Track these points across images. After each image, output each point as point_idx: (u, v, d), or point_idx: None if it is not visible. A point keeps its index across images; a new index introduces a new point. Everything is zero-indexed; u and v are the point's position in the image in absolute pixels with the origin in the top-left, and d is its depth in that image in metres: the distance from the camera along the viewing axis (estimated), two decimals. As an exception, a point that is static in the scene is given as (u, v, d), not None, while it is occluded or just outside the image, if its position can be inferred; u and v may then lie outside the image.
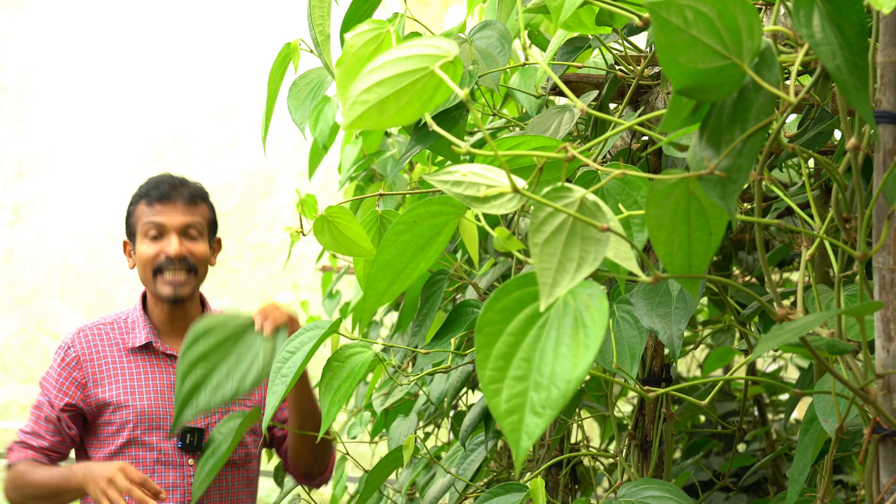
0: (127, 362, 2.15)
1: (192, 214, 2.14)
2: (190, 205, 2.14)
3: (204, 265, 2.16)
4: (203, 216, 2.17)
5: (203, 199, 2.19)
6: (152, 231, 2.12)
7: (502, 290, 0.84)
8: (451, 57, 0.86)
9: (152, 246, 2.12)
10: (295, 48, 1.71)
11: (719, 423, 2.44)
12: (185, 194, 2.15)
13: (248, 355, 1.76)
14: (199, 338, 1.74)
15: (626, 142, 1.64)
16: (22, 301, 8.17)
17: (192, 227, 2.13)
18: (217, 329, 1.77)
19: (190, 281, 2.14)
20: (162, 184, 2.15)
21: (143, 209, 2.14)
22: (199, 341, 1.73)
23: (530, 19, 1.91)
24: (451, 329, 1.72)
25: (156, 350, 2.16)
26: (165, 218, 2.11)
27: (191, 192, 2.16)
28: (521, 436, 0.79)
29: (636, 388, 1.36)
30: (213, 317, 1.80)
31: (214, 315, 1.81)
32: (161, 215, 2.12)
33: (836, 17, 0.88)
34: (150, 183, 2.18)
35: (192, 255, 2.13)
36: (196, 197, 2.17)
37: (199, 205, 2.16)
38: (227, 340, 1.77)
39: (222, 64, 8.31)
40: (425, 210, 1.15)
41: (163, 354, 2.16)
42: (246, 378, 1.72)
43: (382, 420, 2.91)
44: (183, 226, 2.12)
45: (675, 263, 0.99)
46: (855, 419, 1.14)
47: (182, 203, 2.13)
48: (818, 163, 1.13)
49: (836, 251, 1.09)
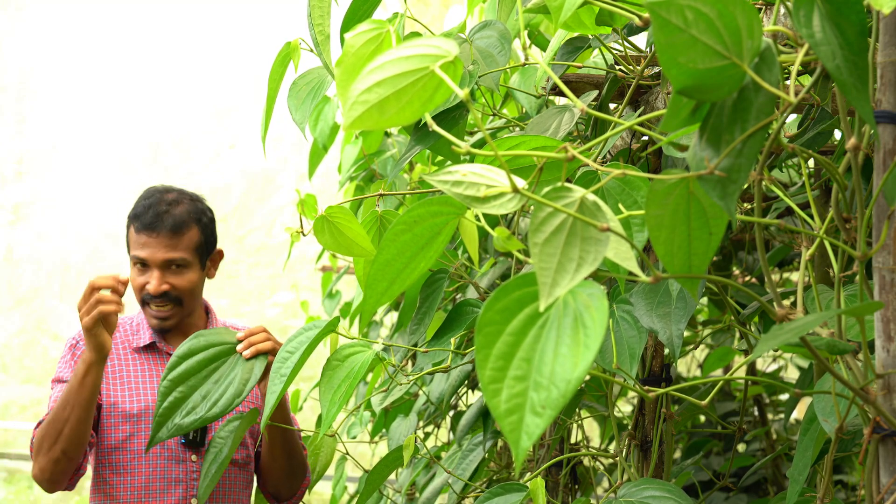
0: (132, 360, 2.18)
1: (175, 249, 2.10)
2: (174, 236, 2.09)
3: (190, 294, 2.15)
4: (188, 246, 2.12)
5: (191, 223, 2.13)
6: (137, 262, 2.12)
7: (502, 289, 0.84)
8: (451, 57, 0.86)
9: (139, 277, 2.12)
10: (295, 47, 1.71)
11: (719, 423, 2.44)
12: (170, 224, 2.09)
13: (225, 380, 1.80)
14: (182, 359, 1.78)
15: (626, 142, 1.64)
16: (22, 301, 8.18)
17: (174, 262, 2.10)
18: (201, 350, 1.81)
19: (175, 312, 2.14)
20: (150, 208, 2.11)
21: (133, 234, 2.13)
22: (182, 362, 1.78)
23: (530, 19, 1.91)
24: (450, 328, 1.72)
25: (160, 350, 2.19)
26: (148, 253, 2.09)
27: (175, 220, 2.10)
28: (520, 436, 0.79)
29: (636, 388, 1.36)
30: (200, 336, 1.83)
31: (203, 333, 1.85)
32: (144, 249, 2.09)
33: (836, 17, 0.88)
34: (140, 204, 2.14)
35: (175, 289, 2.12)
36: (181, 226, 2.11)
37: (184, 234, 2.11)
38: (208, 362, 1.81)
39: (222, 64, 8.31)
40: (425, 210, 1.15)
41: (166, 354, 2.19)
42: (218, 403, 1.76)
43: (382, 420, 2.92)
44: (164, 261, 2.09)
45: (675, 263, 0.99)
46: (855, 419, 1.14)
47: (165, 235, 2.09)
48: (818, 163, 1.13)
49: (836, 251, 1.09)
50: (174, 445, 2.12)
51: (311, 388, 3.39)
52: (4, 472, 7.11)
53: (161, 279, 2.10)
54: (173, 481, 2.12)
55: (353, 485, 3.88)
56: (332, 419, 1.47)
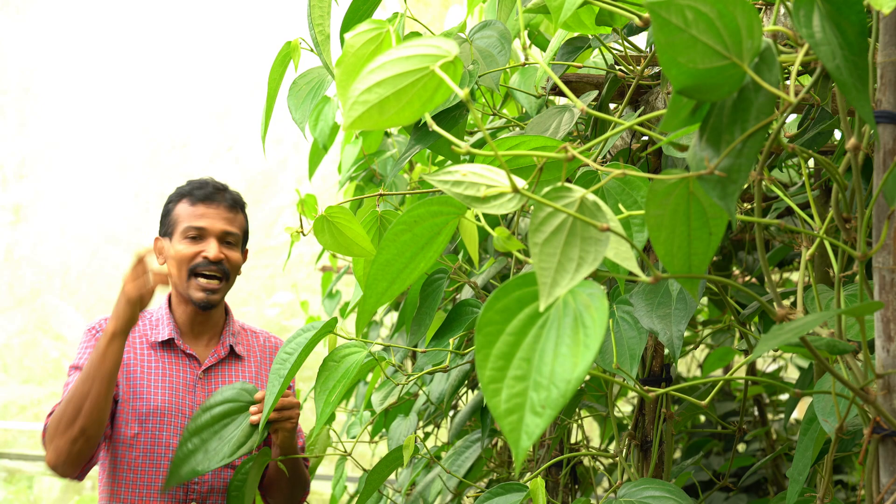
0: (149, 355, 2.17)
1: (232, 223, 2.18)
2: (231, 211, 2.18)
3: (236, 273, 2.20)
4: (240, 226, 2.21)
5: (243, 208, 2.24)
6: (192, 232, 2.14)
7: (502, 289, 0.84)
8: (451, 57, 0.86)
9: (191, 247, 2.14)
10: (295, 47, 1.71)
11: (719, 423, 2.44)
12: (228, 199, 2.19)
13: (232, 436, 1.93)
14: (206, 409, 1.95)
15: (626, 142, 1.64)
16: (22, 301, 8.17)
17: (231, 235, 2.17)
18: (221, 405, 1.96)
19: (222, 288, 2.17)
20: (206, 185, 2.19)
21: (186, 208, 2.16)
22: (206, 412, 1.94)
23: (530, 19, 1.91)
24: (450, 329, 1.72)
25: (177, 347, 2.19)
26: (208, 222, 2.14)
27: (233, 198, 2.21)
28: (520, 435, 0.79)
29: (636, 388, 1.36)
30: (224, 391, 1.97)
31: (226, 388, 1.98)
32: (204, 218, 2.15)
33: (836, 17, 0.88)
34: (193, 183, 2.21)
35: (229, 261, 2.16)
36: (237, 204, 2.21)
37: (238, 213, 2.21)
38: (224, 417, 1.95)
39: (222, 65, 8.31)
40: (425, 210, 1.15)
41: (182, 353, 2.19)
42: (217, 455, 1.91)
43: (382, 420, 2.91)
44: (223, 232, 2.16)
45: (675, 263, 0.99)
46: (855, 419, 1.14)
47: (225, 208, 2.17)
48: (818, 163, 1.13)
49: (836, 251, 1.09)
50: (176, 447, 2.12)
51: (310, 389, 3.39)
52: (4, 472, 7.11)
53: (219, 247, 2.14)
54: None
55: (353, 485, 3.88)
56: (325, 419, 1.47)
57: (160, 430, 2.11)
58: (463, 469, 1.88)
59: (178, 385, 2.15)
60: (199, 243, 2.14)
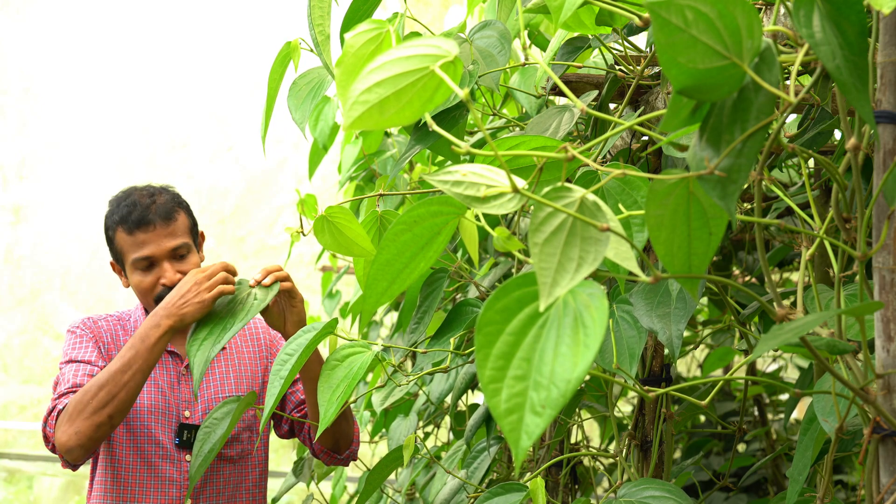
0: None
1: (175, 235, 2.09)
2: (169, 224, 2.09)
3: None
4: (184, 229, 2.12)
5: (177, 208, 2.13)
6: (141, 264, 2.09)
7: (502, 289, 0.84)
8: (451, 57, 0.86)
9: (146, 277, 2.09)
10: (295, 47, 1.71)
11: (719, 423, 2.44)
12: (161, 213, 2.09)
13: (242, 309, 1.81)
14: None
15: (626, 142, 1.64)
16: (23, 301, 8.18)
17: (180, 247, 2.10)
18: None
19: None
20: (135, 206, 2.09)
21: (125, 238, 2.09)
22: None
23: (530, 19, 1.91)
24: (450, 328, 1.72)
25: None
26: (152, 248, 2.07)
27: (164, 209, 2.10)
28: (520, 435, 0.79)
29: (636, 388, 1.36)
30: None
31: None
32: (146, 247, 2.07)
33: (836, 17, 0.88)
34: (122, 206, 2.11)
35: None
36: (171, 213, 2.11)
37: (176, 219, 2.11)
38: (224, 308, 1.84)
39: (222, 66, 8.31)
40: (425, 210, 1.15)
41: (170, 351, 2.19)
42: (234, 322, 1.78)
43: (382, 420, 2.92)
44: (170, 251, 2.08)
45: (675, 263, 0.99)
46: (855, 419, 1.14)
47: (161, 226, 2.08)
48: (818, 163, 1.13)
49: (836, 251, 1.09)
50: (168, 445, 2.12)
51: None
52: (4, 472, 7.11)
53: (173, 269, 2.08)
54: (167, 481, 2.12)
55: (352, 485, 3.88)
56: (331, 420, 1.47)
57: (148, 427, 2.12)
58: (478, 475, 1.87)
59: (162, 382, 2.15)
60: (153, 270, 2.09)
